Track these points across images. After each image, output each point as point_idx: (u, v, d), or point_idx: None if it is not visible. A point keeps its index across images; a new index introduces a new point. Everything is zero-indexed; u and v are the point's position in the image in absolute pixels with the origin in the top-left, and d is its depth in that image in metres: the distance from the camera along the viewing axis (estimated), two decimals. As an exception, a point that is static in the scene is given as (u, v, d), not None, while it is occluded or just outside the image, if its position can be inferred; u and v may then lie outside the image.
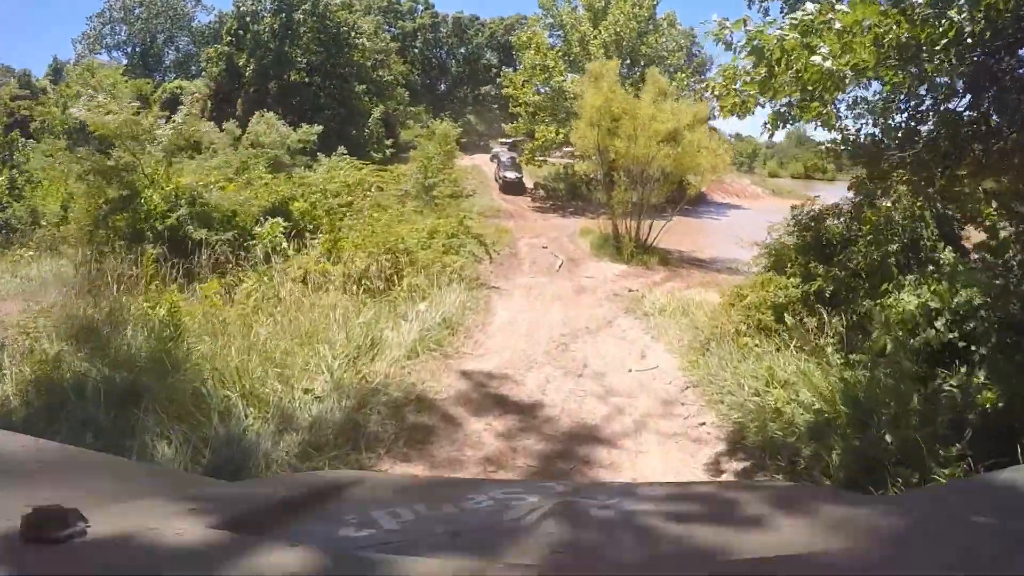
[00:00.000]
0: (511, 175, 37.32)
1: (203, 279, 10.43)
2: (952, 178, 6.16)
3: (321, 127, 29.45)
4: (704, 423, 7.42)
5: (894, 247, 7.84)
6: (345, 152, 25.09)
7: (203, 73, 47.96)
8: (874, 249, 8.09)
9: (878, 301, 7.01)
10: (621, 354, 10.37)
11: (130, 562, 0.99)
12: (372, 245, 12.89)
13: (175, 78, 53.07)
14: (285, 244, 12.44)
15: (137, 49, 60.72)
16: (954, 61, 4.91)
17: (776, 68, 4.95)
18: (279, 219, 12.95)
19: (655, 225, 24.96)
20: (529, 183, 39.71)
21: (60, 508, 1.01)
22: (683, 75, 38.04)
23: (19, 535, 0.96)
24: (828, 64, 4.67)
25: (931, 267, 7.09)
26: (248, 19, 42.90)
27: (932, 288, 6.11)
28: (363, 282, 11.49)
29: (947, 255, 7.33)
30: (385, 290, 11.59)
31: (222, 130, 25.05)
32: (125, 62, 55.72)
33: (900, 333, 5.92)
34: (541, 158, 39.95)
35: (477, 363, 9.18)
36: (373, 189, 20.68)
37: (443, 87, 63.61)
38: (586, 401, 7.94)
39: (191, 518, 1.19)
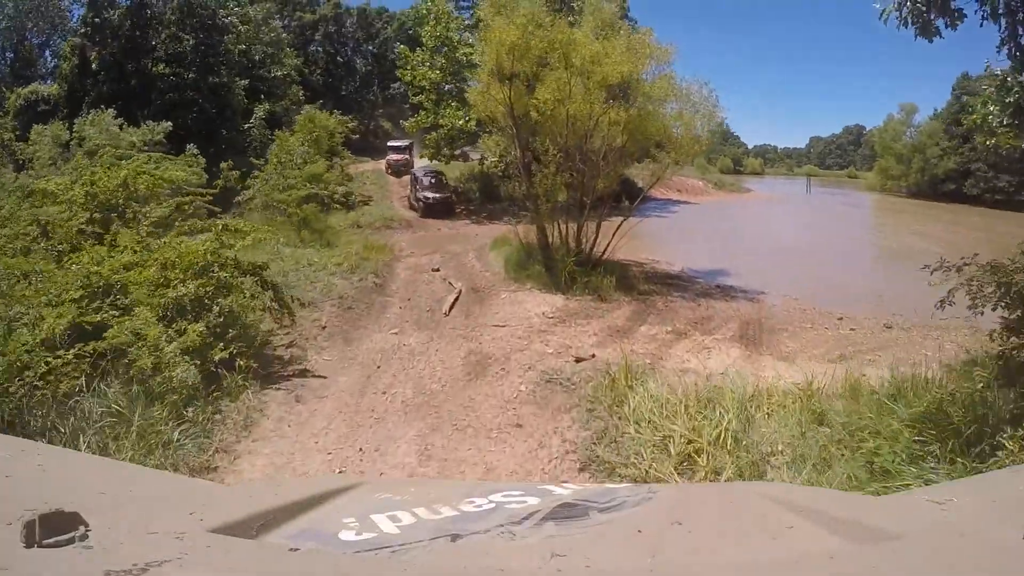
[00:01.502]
0: (433, 195, 29.64)
1: None
2: None
3: (170, 124, 24.68)
4: None
5: None
6: (195, 151, 20.88)
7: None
8: None
9: None
10: None
11: (130, 565, 0.97)
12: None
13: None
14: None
15: (7, 54, 49.09)
16: None
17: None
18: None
19: (603, 230, 16.10)
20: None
21: (61, 512, 1.04)
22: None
23: (21, 539, 0.99)
24: None
25: None
26: (104, 3, 34.98)
27: None
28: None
29: None
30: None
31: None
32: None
33: None
34: (449, 153, 32.25)
35: None
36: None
37: (350, 88, 56.25)
38: None
39: (191, 522, 1.20)
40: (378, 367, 9.93)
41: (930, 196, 52.41)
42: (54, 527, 1.01)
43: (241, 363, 7.80)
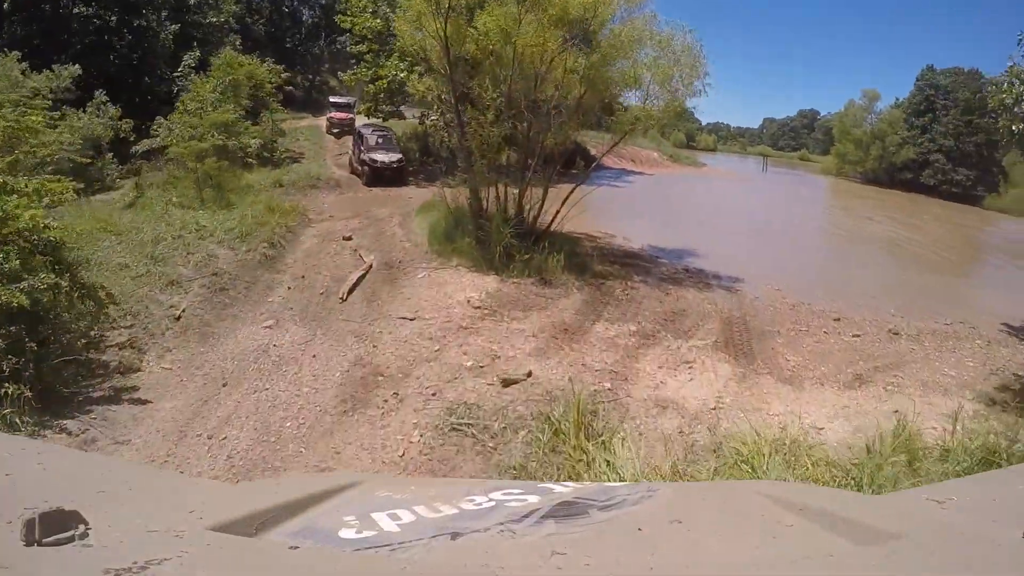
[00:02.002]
0: (383, 158, 23.18)
1: None
2: None
3: (78, 69, 21.05)
4: None
5: None
6: (105, 99, 19.58)
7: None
8: None
9: None
10: None
11: (130, 563, 0.97)
12: None
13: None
14: None
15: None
16: None
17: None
18: None
19: (551, 197, 12.91)
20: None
21: (61, 511, 1.03)
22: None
23: (22, 537, 0.98)
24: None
25: None
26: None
27: None
28: None
29: None
30: None
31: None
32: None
33: None
34: (387, 109, 28.20)
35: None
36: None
37: (294, 40, 50.99)
38: None
39: (191, 520, 1.20)
40: (224, 385, 6.85)
41: (886, 183, 51.43)
42: (54, 525, 1.00)
43: (10, 389, 5.74)
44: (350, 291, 10.91)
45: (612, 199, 24.06)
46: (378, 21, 27.47)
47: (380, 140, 24.13)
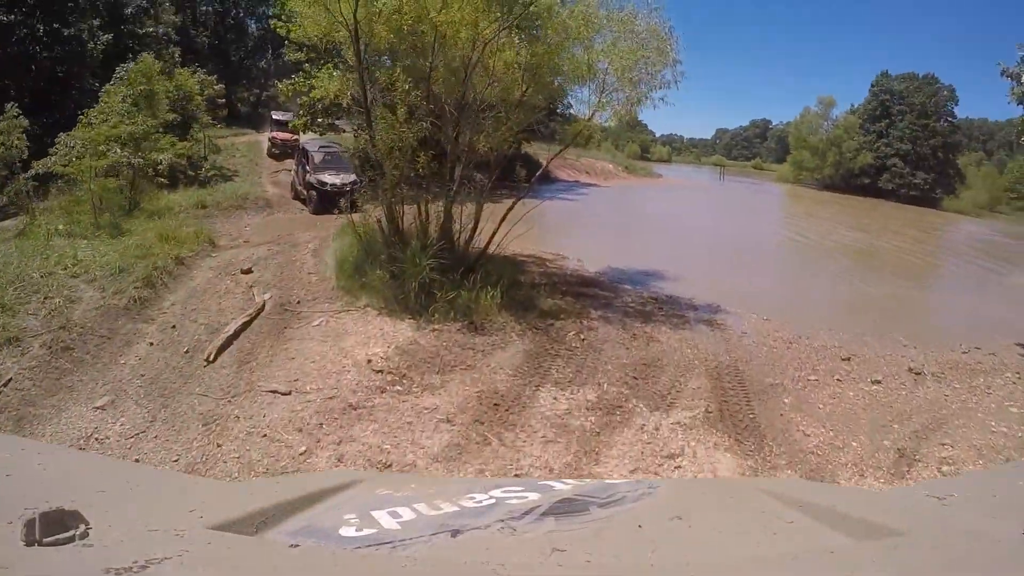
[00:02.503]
0: (334, 180, 18.39)
1: None
2: None
3: None
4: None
5: None
6: (17, 113, 15.37)
7: None
8: None
9: None
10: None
11: (131, 563, 0.96)
12: None
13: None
14: None
15: None
16: None
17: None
18: None
19: (492, 216, 10.41)
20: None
21: (62, 511, 1.04)
22: None
23: (22, 538, 0.98)
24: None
25: None
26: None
27: None
28: None
29: None
30: None
31: None
32: None
33: None
34: (324, 122, 24.96)
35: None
36: None
37: (239, 53, 48.48)
38: None
39: (191, 519, 1.20)
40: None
41: (843, 189, 50.83)
42: (55, 525, 0.99)
43: None
44: (221, 349, 8.18)
45: (565, 214, 21.67)
46: (320, 27, 24.59)
47: (329, 158, 19.55)
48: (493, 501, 1.53)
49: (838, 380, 8.23)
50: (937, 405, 8.04)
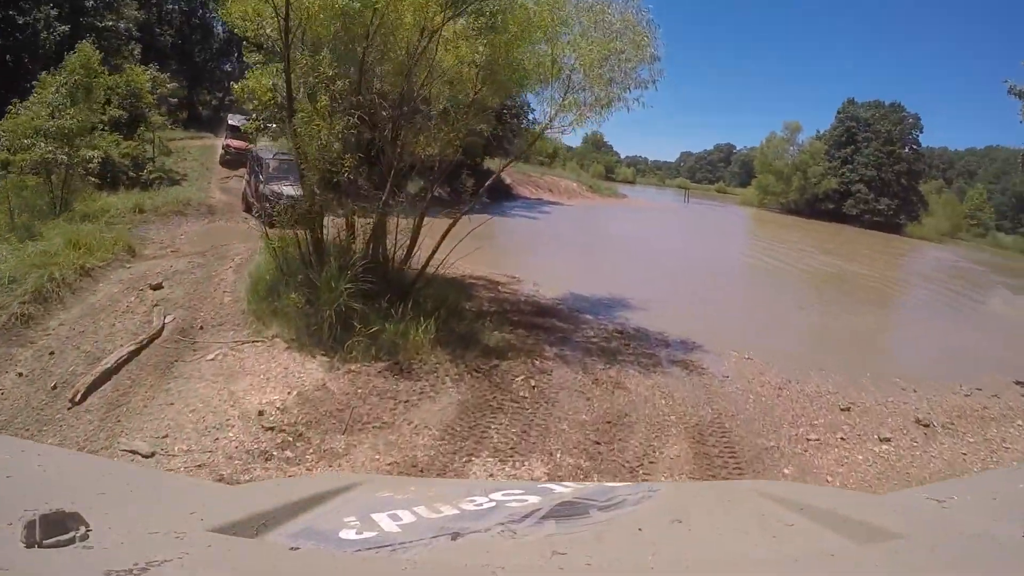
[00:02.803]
0: (291, 191, 14.83)
1: None
2: None
3: None
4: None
5: None
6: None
7: None
8: None
9: None
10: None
11: (131, 565, 0.96)
12: None
13: None
14: None
15: None
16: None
17: None
18: None
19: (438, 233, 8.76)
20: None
21: (62, 512, 1.02)
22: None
23: (22, 539, 0.97)
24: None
25: None
26: None
27: None
28: None
29: None
30: None
31: None
32: None
33: None
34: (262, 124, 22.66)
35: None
36: None
37: (204, 54, 46.14)
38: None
39: (192, 521, 1.18)
40: None
41: (807, 214, 50.60)
42: (55, 527, 0.98)
43: None
44: (91, 387, 6.59)
45: (525, 232, 20.12)
46: (273, 31, 22.84)
47: (285, 167, 16.53)
48: (493, 504, 1.50)
49: (842, 439, 6.80)
50: (956, 466, 6.81)
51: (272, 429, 5.56)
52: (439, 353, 7.33)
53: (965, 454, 7.17)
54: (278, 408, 5.94)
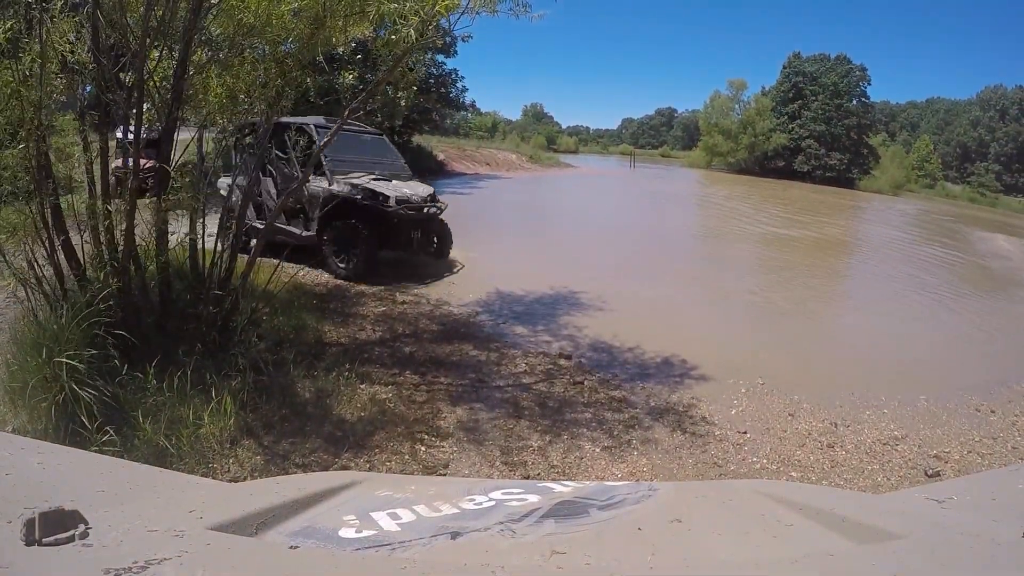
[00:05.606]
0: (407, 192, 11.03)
1: None
2: None
3: None
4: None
5: None
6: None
7: None
8: None
9: None
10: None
11: (130, 563, 0.95)
12: None
13: None
14: None
15: None
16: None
17: None
18: None
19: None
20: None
21: (61, 510, 1.00)
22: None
23: (21, 537, 0.95)
24: None
25: None
26: None
27: None
28: None
29: None
30: None
31: None
32: None
33: None
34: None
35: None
36: None
37: None
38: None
39: (191, 519, 1.17)
40: None
41: (757, 172, 48.86)
42: (54, 525, 0.97)
43: None
44: None
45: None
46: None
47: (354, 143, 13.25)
48: (493, 503, 1.45)
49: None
50: None
51: None
52: (244, 451, 4.01)
53: None
54: None
